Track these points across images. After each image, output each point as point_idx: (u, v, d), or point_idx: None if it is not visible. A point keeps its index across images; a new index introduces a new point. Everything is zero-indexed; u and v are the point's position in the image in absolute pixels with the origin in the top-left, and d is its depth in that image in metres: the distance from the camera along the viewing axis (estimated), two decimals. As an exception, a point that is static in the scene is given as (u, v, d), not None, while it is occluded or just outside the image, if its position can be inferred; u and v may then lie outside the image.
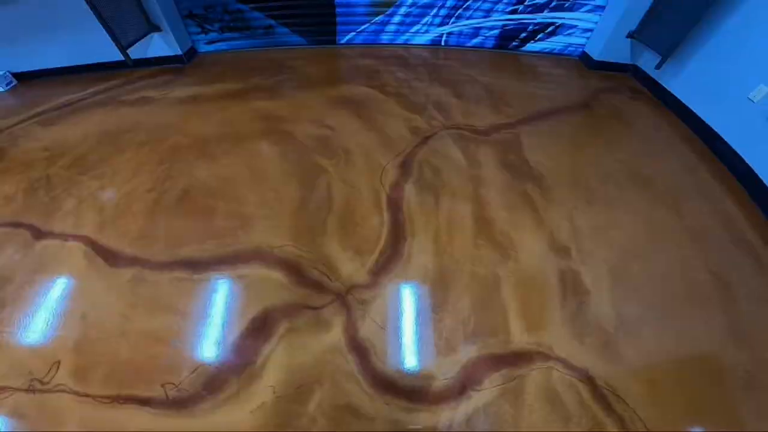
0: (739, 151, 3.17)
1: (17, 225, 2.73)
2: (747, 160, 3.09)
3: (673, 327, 2.12)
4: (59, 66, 4.57)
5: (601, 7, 4.34)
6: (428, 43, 4.79)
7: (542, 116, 3.61)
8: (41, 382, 1.91)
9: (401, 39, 4.78)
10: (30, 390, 1.88)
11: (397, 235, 2.50)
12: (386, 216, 2.61)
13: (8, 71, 4.55)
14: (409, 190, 2.78)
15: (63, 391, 1.88)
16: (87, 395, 1.86)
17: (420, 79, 4.10)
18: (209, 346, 2.01)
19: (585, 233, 2.57)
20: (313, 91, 3.89)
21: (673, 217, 2.73)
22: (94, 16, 3.48)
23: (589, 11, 4.40)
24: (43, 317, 2.18)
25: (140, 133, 3.47)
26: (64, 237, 2.61)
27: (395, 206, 2.67)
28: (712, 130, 3.43)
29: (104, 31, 3.61)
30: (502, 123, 3.47)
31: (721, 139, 3.34)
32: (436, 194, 2.77)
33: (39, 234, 2.65)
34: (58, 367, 1.96)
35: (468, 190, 2.81)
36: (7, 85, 4.50)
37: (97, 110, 3.87)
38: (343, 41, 4.81)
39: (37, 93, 4.31)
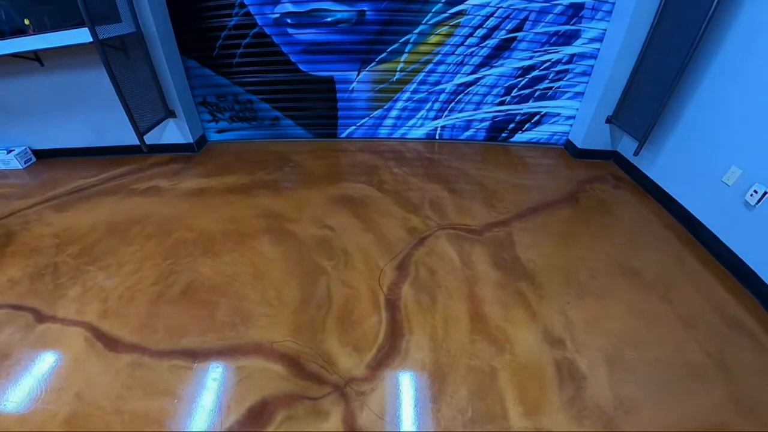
0: (721, 238, 3.19)
1: (20, 308, 2.71)
2: (731, 247, 3.10)
3: (674, 403, 2.07)
4: (77, 146, 4.67)
5: (581, 94, 4.51)
6: (423, 137, 4.90)
7: (533, 211, 3.64)
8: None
9: (398, 133, 4.89)
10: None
11: (395, 332, 2.47)
12: (384, 315, 2.59)
13: (29, 147, 4.65)
14: (407, 291, 2.77)
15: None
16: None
17: (416, 175, 4.16)
18: (205, 430, 1.94)
19: (578, 325, 2.54)
20: (314, 188, 3.93)
21: (664, 306, 2.72)
22: (116, 99, 3.59)
23: (570, 98, 4.58)
24: (37, 392, 2.13)
25: (148, 225, 3.48)
26: (66, 322, 2.58)
27: (393, 306, 2.65)
28: (693, 216, 3.47)
29: (123, 115, 3.68)
30: (494, 221, 3.50)
31: (703, 225, 3.36)
32: (432, 294, 2.75)
33: (41, 317, 2.63)
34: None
35: (463, 289, 2.79)
36: (26, 162, 4.61)
37: (108, 198, 3.91)
38: (343, 135, 4.92)
39: (53, 174, 4.40)
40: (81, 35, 3.58)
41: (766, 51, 2.96)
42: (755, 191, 2.92)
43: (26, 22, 3.91)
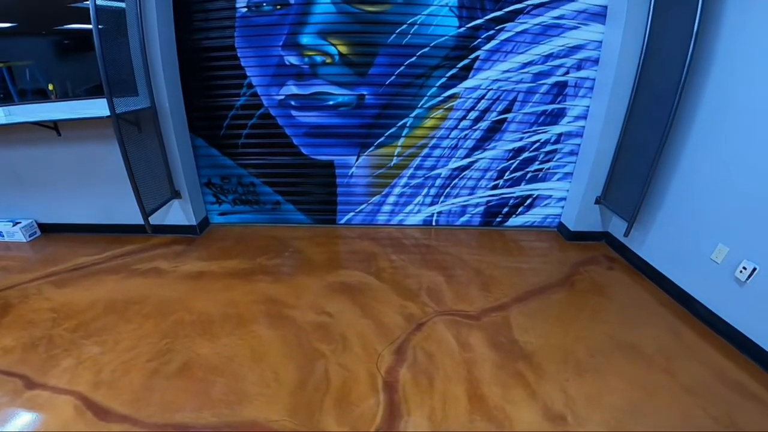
0: (716, 312, 3.16)
1: (10, 374, 2.67)
2: (727, 320, 3.07)
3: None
4: (83, 222, 4.67)
5: (570, 174, 4.57)
6: (420, 223, 4.90)
7: (529, 296, 3.61)
8: None
9: (396, 219, 4.90)
10: None
11: (393, 413, 2.40)
12: (382, 396, 2.52)
13: (35, 220, 4.66)
14: (404, 374, 2.71)
15: None
16: None
17: (413, 262, 4.14)
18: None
19: (579, 401, 2.47)
20: (313, 275, 3.89)
21: (666, 377, 2.68)
22: (124, 176, 3.61)
23: (560, 179, 4.64)
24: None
25: (147, 305, 3.43)
26: (57, 390, 2.53)
27: (391, 388, 2.59)
28: (687, 293, 3.44)
29: (130, 193, 3.70)
30: (491, 306, 3.46)
31: (697, 301, 3.33)
32: (430, 376, 2.69)
33: (31, 384, 2.58)
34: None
35: (461, 371, 2.74)
36: (30, 236, 4.61)
37: (109, 277, 3.85)
38: (342, 221, 4.92)
39: (56, 249, 4.39)
40: (100, 107, 3.67)
41: (737, 126, 3.07)
42: (744, 268, 2.93)
43: (50, 87, 4.03)
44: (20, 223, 4.61)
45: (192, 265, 4.08)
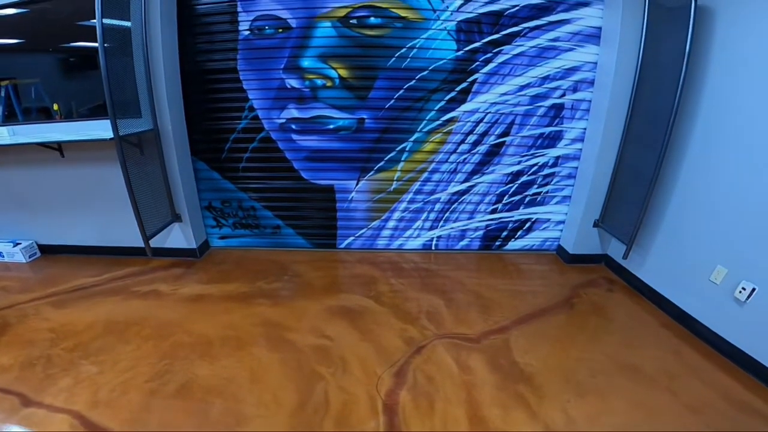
0: (718, 332, 3.15)
1: (7, 392, 2.66)
2: (729, 340, 3.05)
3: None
4: (83, 244, 4.66)
5: (568, 197, 4.58)
6: (420, 247, 4.88)
7: (529, 318, 3.59)
8: None
9: (395, 244, 4.88)
10: None
11: (393, 436, 2.37)
12: (382, 419, 2.51)
13: (35, 242, 4.66)
14: (404, 396, 2.69)
15: None
16: None
17: (413, 286, 4.11)
18: None
19: (580, 422, 2.45)
20: (313, 299, 3.87)
21: (668, 397, 2.66)
22: (126, 198, 3.62)
23: (558, 203, 4.64)
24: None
25: (146, 327, 3.41)
26: (53, 408, 2.52)
27: (391, 410, 2.57)
28: (687, 314, 3.42)
29: (131, 215, 3.70)
30: (491, 329, 3.44)
31: (698, 321, 3.31)
32: (431, 398, 2.67)
33: (27, 402, 2.57)
34: None
35: (461, 393, 2.72)
36: (30, 257, 4.60)
37: (108, 299, 3.83)
38: (342, 245, 4.90)
39: (56, 270, 4.38)
40: (104, 128, 3.75)
41: (732, 147, 3.10)
42: (743, 288, 2.93)
43: (55, 107, 4.05)
44: (20, 244, 4.61)
45: (191, 288, 4.06)
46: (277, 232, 4.85)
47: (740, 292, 2.94)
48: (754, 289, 2.86)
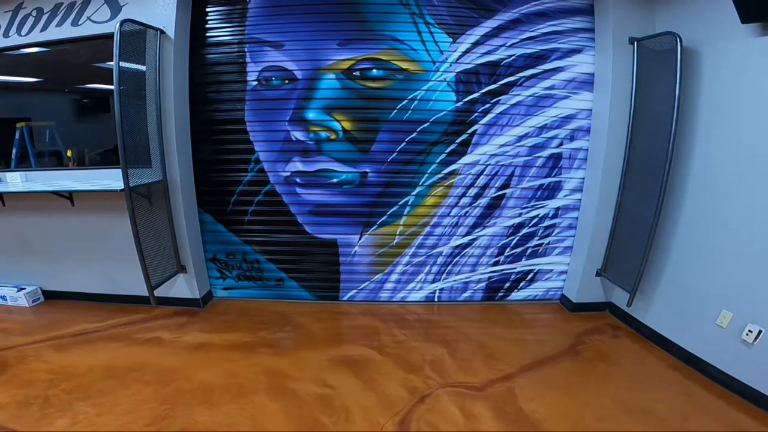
0: (729, 372, 3.08)
1: (1, 428, 2.59)
2: (739, 378, 2.99)
3: None
4: (87, 291, 4.61)
5: (570, 248, 4.55)
6: (423, 299, 4.80)
7: (534, 366, 3.52)
8: None
9: (398, 296, 4.80)
10: None
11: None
12: None
13: (39, 287, 4.62)
14: None
15: None
16: None
17: (416, 336, 4.04)
18: None
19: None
20: (316, 349, 3.80)
21: None
22: (132, 248, 3.62)
23: (560, 254, 4.60)
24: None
25: (147, 372, 3.34)
26: None
27: None
28: (696, 356, 3.35)
29: (136, 265, 3.69)
30: (495, 377, 3.37)
31: (708, 363, 3.24)
32: None
33: None
34: None
35: None
36: (33, 301, 4.55)
37: (110, 344, 3.77)
38: (345, 298, 4.82)
39: (58, 315, 4.32)
40: (115, 178, 3.79)
41: (728, 191, 3.15)
42: (750, 331, 2.91)
43: (69, 154, 4.10)
44: (24, 289, 4.56)
45: (194, 336, 3.98)
46: (281, 285, 4.79)
47: (747, 334, 2.93)
48: (761, 331, 2.85)
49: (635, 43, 3.64)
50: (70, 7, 3.87)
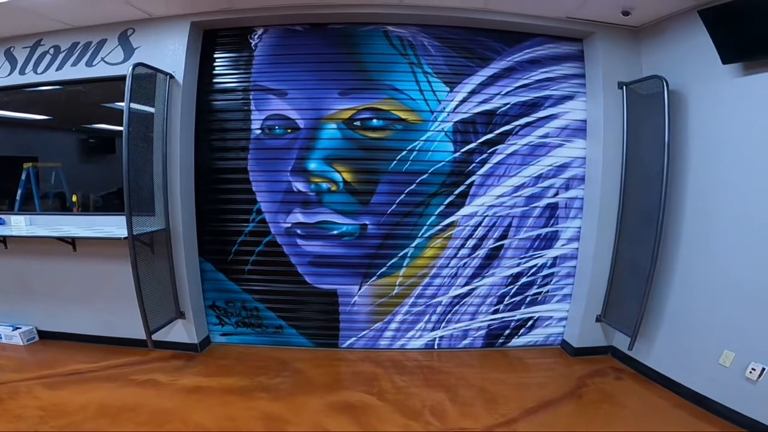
0: (736, 409, 3.00)
1: None
2: (746, 414, 2.92)
3: None
4: (82, 333, 4.48)
5: (569, 296, 4.48)
6: (423, 347, 4.68)
7: (536, 410, 3.40)
8: None
9: (398, 344, 4.69)
10: None
11: None
12: None
13: (35, 327, 4.50)
14: None
15: None
16: None
17: (416, 382, 3.92)
18: None
19: None
20: (315, 395, 3.68)
21: None
22: (132, 293, 3.58)
23: (559, 301, 4.52)
24: None
25: (141, 414, 3.21)
26: None
27: None
28: (701, 395, 3.27)
29: (135, 310, 3.63)
30: (497, 422, 3.25)
31: (713, 401, 3.16)
32: None
33: None
34: None
35: None
36: (28, 340, 4.43)
37: (104, 384, 3.64)
38: (344, 345, 4.71)
39: (52, 354, 4.21)
40: (118, 224, 3.78)
41: (722, 234, 3.20)
42: (753, 369, 2.87)
43: (74, 198, 4.10)
44: (20, 328, 4.45)
45: (190, 379, 3.86)
46: (280, 332, 4.67)
47: (750, 372, 2.89)
48: (764, 369, 2.81)
49: (624, 87, 3.76)
50: (86, 47, 4.01)
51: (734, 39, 2.93)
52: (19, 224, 4.17)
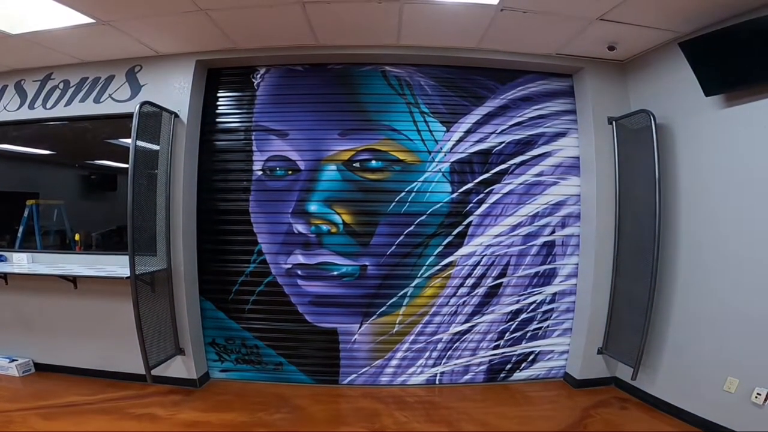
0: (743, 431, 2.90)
1: None
2: None
3: None
4: (80, 366, 4.34)
5: (569, 330, 4.38)
6: (424, 382, 4.53)
7: None
8: None
9: (399, 380, 4.54)
10: None
11: None
12: None
13: (32, 359, 4.38)
14: None
15: None
16: None
17: (417, 418, 3.78)
18: None
19: None
20: (315, 430, 3.57)
21: None
22: (132, 330, 3.51)
23: (560, 335, 4.41)
24: None
25: (137, 447, 3.08)
26: None
27: None
28: (709, 421, 3.16)
29: (134, 345, 3.55)
30: None
31: (721, 426, 3.06)
32: None
33: None
34: None
35: None
36: (23, 372, 4.30)
37: (100, 416, 3.51)
38: (344, 382, 4.56)
39: (48, 386, 4.06)
40: (120, 263, 3.76)
41: (715, 263, 3.20)
42: (758, 394, 2.80)
43: (76, 237, 4.02)
44: (17, 360, 4.33)
45: (189, 414, 3.71)
46: (280, 369, 4.54)
47: (756, 397, 2.82)
48: None
49: (614, 122, 3.79)
50: (95, 83, 4.07)
51: (715, 70, 2.96)
52: (21, 261, 4.13)
